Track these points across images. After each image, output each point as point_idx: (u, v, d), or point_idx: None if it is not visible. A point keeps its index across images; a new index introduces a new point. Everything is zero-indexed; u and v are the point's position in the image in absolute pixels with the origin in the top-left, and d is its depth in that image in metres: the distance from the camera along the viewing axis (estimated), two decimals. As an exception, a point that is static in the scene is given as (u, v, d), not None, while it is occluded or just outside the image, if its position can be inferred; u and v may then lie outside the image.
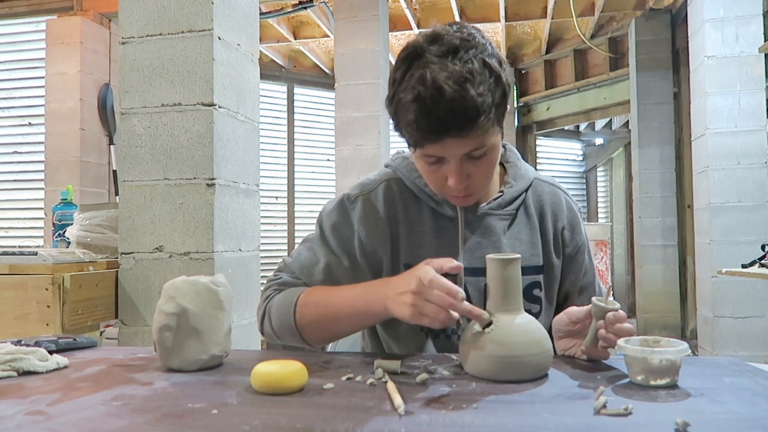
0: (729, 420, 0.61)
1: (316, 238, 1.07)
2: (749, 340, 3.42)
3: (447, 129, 0.85)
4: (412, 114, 0.85)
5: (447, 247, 1.02)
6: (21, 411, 0.65)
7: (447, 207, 1.03)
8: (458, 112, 0.83)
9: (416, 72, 0.85)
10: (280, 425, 0.60)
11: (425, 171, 0.96)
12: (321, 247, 1.06)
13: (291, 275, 1.07)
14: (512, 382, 0.76)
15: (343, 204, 1.06)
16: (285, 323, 1.00)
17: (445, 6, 5.18)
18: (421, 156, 0.93)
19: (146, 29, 1.81)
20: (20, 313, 1.63)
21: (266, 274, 5.22)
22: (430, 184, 0.99)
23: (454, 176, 0.91)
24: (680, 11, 4.78)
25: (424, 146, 0.89)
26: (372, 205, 1.04)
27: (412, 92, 0.85)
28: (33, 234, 4.50)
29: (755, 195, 3.42)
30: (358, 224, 1.03)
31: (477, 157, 0.91)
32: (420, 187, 1.04)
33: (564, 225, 1.08)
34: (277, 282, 1.06)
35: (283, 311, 1.00)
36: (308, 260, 1.06)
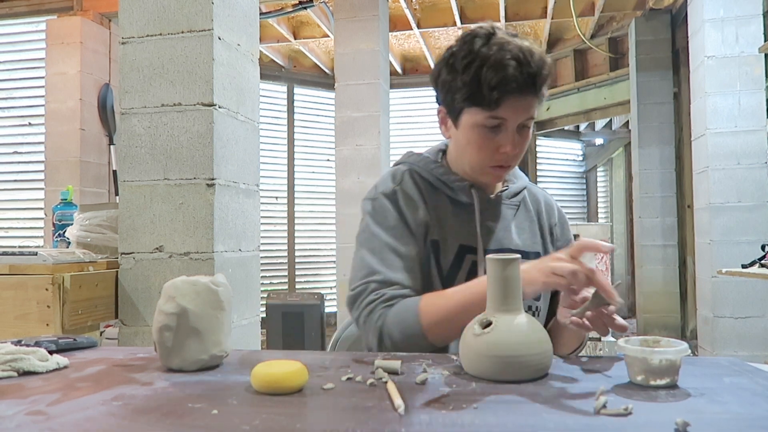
0: (729, 420, 0.61)
1: (389, 240, 1.08)
2: (749, 340, 3.42)
3: (533, 85, 0.99)
4: (508, 70, 0.97)
5: (465, 228, 1.12)
6: (21, 411, 0.65)
7: (462, 194, 1.13)
8: (542, 71, 1.00)
9: (498, 42, 0.99)
10: (280, 425, 0.60)
11: (480, 140, 1.05)
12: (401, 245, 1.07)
13: (392, 288, 1.04)
14: (512, 382, 0.76)
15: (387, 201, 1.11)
16: (410, 335, 0.98)
17: (445, 6, 5.18)
18: (483, 121, 1.02)
19: (146, 29, 1.81)
20: (20, 313, 1.63)
21: (266, 274, 5.22)
22: (477, 155, 1.06)
23: (510, 140, 1.03)
24: (680, 11, 4.78)
25: (501, 104, 0.99)
26: (408, 190, 1.13)
27: (505, 53, 0.97)
28: (33, 234, 4.50)
29: (755, 195, 3.42)
30: (407, 209, 1.10)
31: (525, 127, 1.05)
32: (437, 177, 1.14)
33: (555, 222, 1.22)
34: (383, 299, 1.03)
35: (408, 323, 0.99)
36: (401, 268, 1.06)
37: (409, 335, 0.99)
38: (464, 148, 1.08)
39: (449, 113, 1.09)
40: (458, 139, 1.10)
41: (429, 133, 6.41)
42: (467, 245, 1.11)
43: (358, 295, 1.06)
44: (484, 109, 1.01)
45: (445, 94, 1.07)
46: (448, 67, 1.04)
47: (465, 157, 1.10)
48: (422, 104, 6.52)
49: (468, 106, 1.03)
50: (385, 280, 1.04)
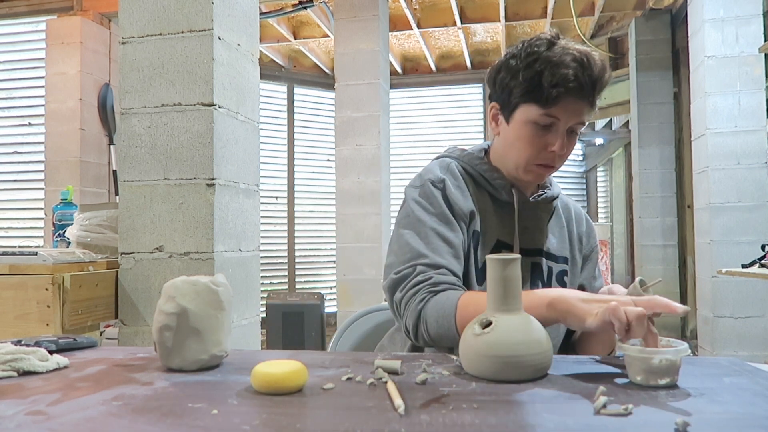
0: (729, 420, 0.61)
1: (436, 226, 1.07)
2: (749, 340, 3.42)
3: (592, 89, 1.03)
4: (570, 70, 1.00)
5: (505, 225, 1.15)
6: (21, 411, 0.65)
7: (503, 192, 1.15)
8: (600, 78, 1.04)
9: (562, 45, 1.04)
10: (280, 425, 0.60)
11: (530, 137, 1.07)
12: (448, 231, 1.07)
13: (438, 271, 1.03)
14: (512, 382, 0.76)
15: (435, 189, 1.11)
16: (444, 329, 0.97)
17: (445, 6, 5.18)
18: (537, 118, 1.05)
19: (146, 29, 1.81)
20: (20, 313, 1.63)
21: (266, 274, 5.21)
22: (525, 151, 1.09)
23: (560, 140, 1.06)
24: (680, 11, 4.78)
25: (558, 103, 1.02)
26: (455, 180, 1.14)
27: (569, 56, 1.02)
28: (33, 234, 4.50)
29: (755, 195, 3.42)
30: (455, 197, 1.11)
31: (573, 133, 1.08)
32: (480, 173, 1.16)
33: (584, 230, 1.27)
34: (430, 282, 1.02)
35: (445, 315, 0.97)
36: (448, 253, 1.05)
37: (443, 326, 0.97)
38: (513, 143, 1.11)
39: (502, 109, 1.12)
40: (508, 135, 1.12)
41: (429, 133, 6.42)
42: (504, 241, 1.14)
43: (404, 278, 1.04)
44: (540, 105, 1.04)
45: (502, 90, 1.10)
46: (508, 67, 1.08)
47: (512, 153, 1.12)
48: (422, 104, 6.52)
49: (524, 102, 1.06)
50: (433, 263, 1.03)
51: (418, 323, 1.00)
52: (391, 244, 1.11)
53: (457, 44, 6.00)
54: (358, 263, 4.42)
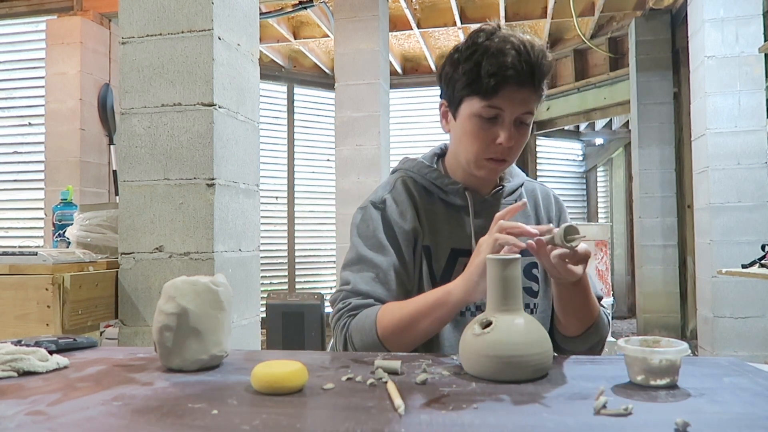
0: (729, 420, 0.61)
1: (366, 254, 1.10)
2: (749, 340, 3.42)
3: (531, 76, 1.00)
4: (506, 58, 0.98)
5: (459, 231, 1.13)
6: (21, 411, 0.65)
7: (456, 197, 1.14)
8: (541, 64, 1.01)
9: (500, 34, 1.01)
10: (280, 425, 0.60)
11: (476, 130, 1.05)
12: (376, 259, 1.09)
13: (358, 298, 1.07)
14: (512, 382, 0.76)
15: (376, 209, 1.14)
16: (369, 344, 1.01)
17: (445, 6, 5.18)
18: (480, 111, 1.03)
19: (146, 29, 1.81)
20: (20, 313, 1.63)
21: (266, 274, 5.21)
22: (473, 146, 1.06)
23: (506, 132, 1.03)
24: (680, 11, 4.78)
25: (498, 93, 1.00)
26: (398, 198, 1.14)
27: (506, 43, 0.99)
28: (33, 234, 4.50)
29: (755, 195, 3.42)
30: (394, 218, 1.12)
31: (524, 124, 1.05)
32: (431, 181, 1.15)
33: (553, 213, 1.23)
34: (348, 308, 1.06)
35: (365, 331, 1.01)
36: (371, 279, 1.08)
37: (368, 343, 1.01)
38: (461, 139, 1.09)
39: (450, 106, 1.11)
40: (456, 131, 1.10)
41: (429, 133, 6.42)
42: (460, 249, 1.12)
43: (332, 303, 1.11)
44: (482, 98, 1.02)
45: (447, 86, 1.09)
46: (451, 61, 1.07)
47: (461, 149, 1.10)
48: (422, 104, 6.52)
49: (467, 95, 1.04)
50: (354, 290, 1.08)
51: (346, 345, 1.05)
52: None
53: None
54: (358, 263, 4.41)
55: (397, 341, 1.00)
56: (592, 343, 1.09)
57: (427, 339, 1.02)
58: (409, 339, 1.00)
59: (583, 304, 1.04)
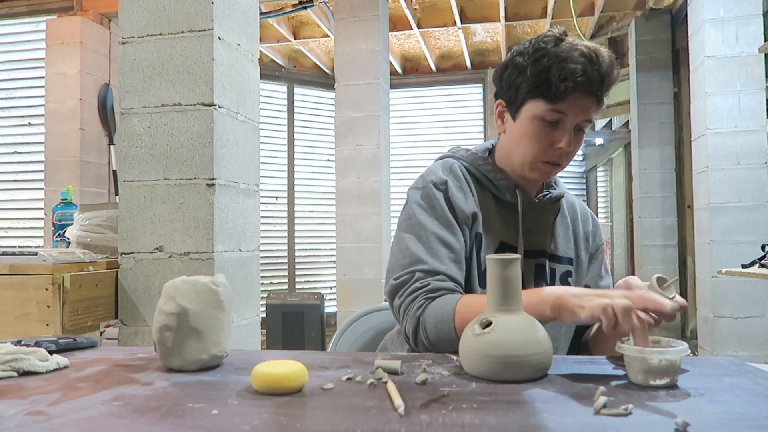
0: (729, 420, 0.61)
1: (437, 229, 1.07)
2: (749, 340, 3.42)
3: (600, 85, 1.02)
4: (578, 65, 1.00)
5: (507, 226, 1.14)
6: (21, 411, 0.65)
7: (507, 193, 1.14)
8: (608, 75, 1.03)
9: (570, 42, 1.03)
10: (280, 425, 0.60)
11: (537, 133, 1.06)
12: (450, 235, 1.07)
13: (437, 278, 1.04)
14: (512, 382, 0.76)
15: (438, 191, 1.11)
16: (443, 334, 0.97)
17: (445, 6, 5.18)
18: (544, 114, 1.04)
19: (146, 29, 1.81)
20: (20, 313, 1.63)
21: (266, 274, 5.20)
22: (532, 148, 1.07)
23: (567, 137, 1.04)
24: (680, 11, 4.78)
25: (566, 98, 1.02)
26: (458, 181, 1.13)
27: (576, 51, 1.01)
28: (33, 234, 4.50)
29: (755, 195, 3.42)
30: (457, 200, 1.10)
31: (580, 131, 1.07)
32: (484, 174, 1.15)
33: (590, 230, 1.27)
34: (427, 288, 1.02)
35: (444, 319, 0.97)
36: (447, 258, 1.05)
37: (443, 330, 0.97)
38: (519, 140, 1.09)
39: (509, 106, 1.11)
40: (514, 132, 1.10)
41: (429, 133, 6.42)
42: (507, 243, 1.13)
43: (403, 284, 1.04)
44: (548, 101, 1.03)
45: (509, 87, 1.09)
46: (515, 64, 1.07)
47: (519, 150, 1.10)
48: (422, 104, 6.52)
49: (531, 98, 1.05)
50: (431, 269, 1.03)
51: (417, 329, 1.00)
52: (393, 247, 1.11)
53: (457, 44, 6.00)
54: (358, 263, 4.42)
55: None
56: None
57: None
58: None
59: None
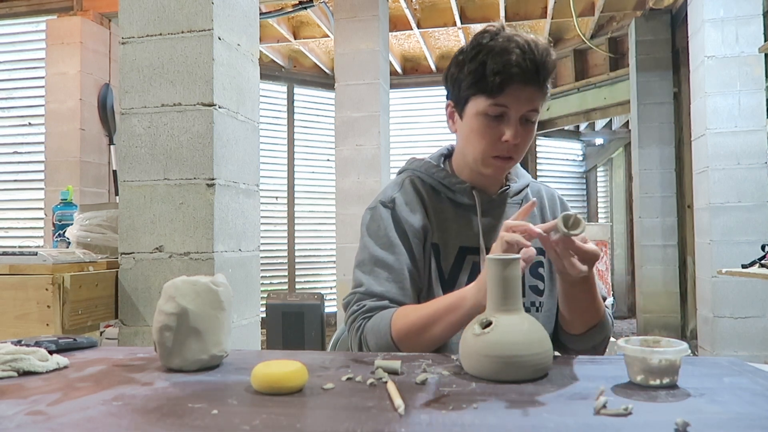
0: (729, 420, 0.61)
1: (378, 254, 1.10)
2: (749, 340, 3.42)
3: (536, 74, 1.01)
4: (511, 56, 1.00)
5: (466, 229, 1.14)
6: (21, 411, 0.65)
7: (463, 196, 1.15)
8: (545, 63, 1.02)
9: (505, 35, 1.03)
10: (280, 425, 0.60)
11: (482, 128, 1.06)
12: (388, 259, 1.10)
13: (373, 299, 1.08)
14: (512, 382, 0.76)
15: (385, 210, 1.14)
16: (384, 346, 1.02)
17: (445, 6, 5.18)
18: (486, 109, 1.04)
19: (146, 29, 1.81)
20: (20, 313, 1.63)
21: (266, 274, 5.20)
22: (480, 144, 1.08)
23: (512, 129, 1.04)
24: (680, 11, 4.78)
25: (504, 91, 1.01)
26: (407, 196, 1.16)
27: (510, 43, 1.01)
28: (33, 234, 4.50)
29: (755, 195, 3.42)
30: (405, 216, 1.13)
31: (529, 121, 1.06)
32: (438, 180, 1.16)
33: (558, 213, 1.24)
34: (363, 310, 1.07)
35: (380, 334, 1.02)
36: (385, 280, 1.09)
37: (382, 345, 1.02)
38: (468, 138, 1.10)
39: (456, 106, 1.12)
40: (463, 130, 1.11)
41: (429, 133, 6.42)
42: (468, 246, 1.13)
43: (346, 306, 1.11)
44: (488, 96, 1.03)
45: (453, 87, 1.10)
46: (456, 62, 1.09)
47: (469, 148, 1.11)
48: (422, 104, 6.52)
49: (473, 94, 1.06)
50: (368, 291, 1.08)
51: (361, 347, 1.06)
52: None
53: (457, 44, 6.00)
54: (358, 263, 4.41)
55: (411, 345, 1.01)
56: (595, 342, 1.09)
57: (441, 343, 1.02)
58: (423, 343, 1.01)
59: (589, 302, 1.04)
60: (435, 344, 1.02)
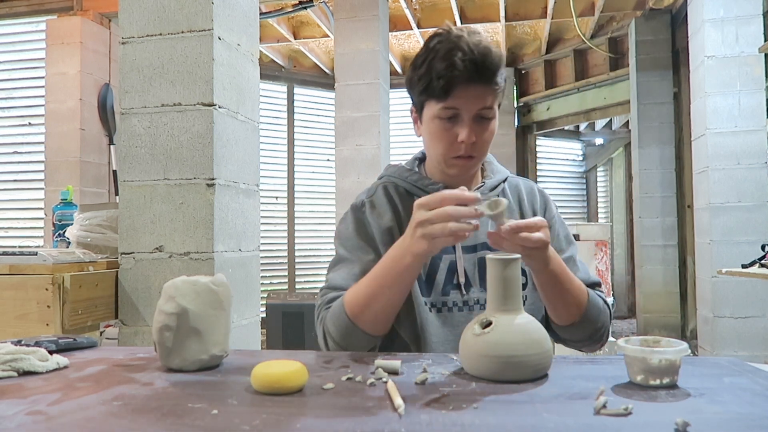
0: (729, 420, 0.61)
1: (344, 254, 1.13)
2: (749, 340, 3.42)
3: (479, 73, 1.01)
4: (450, 59, 1.00)
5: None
6: (21, 411, 0.65)
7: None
8: (489, 59, 1.02)
9: (449, 37, 1.03)
10: (280, 425, 0.60)
11: (438, 131, 1.07)
12: (350, 257, 1.12)
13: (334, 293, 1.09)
14: (512, 382, 0.76)
15: (354, 212, 1.18)
16: (343, 327, 1.02)
17: (445, 6, 5.18)
18: (438, 113, 1.05)
19: (146, 29, 1.81)
20: (20, 313, 1.63)
21: (266, 274, 5.21)
22: (438, 147, 1.09)
23: (465, 129, 1.04)
24: (680, 11, 4.78)
25: (450, 94, 1.02)
26: (377, 200, 1.17)
27: (450, 44, 1.01)
28: (33, 234, 4.50)
29: (755, 195, 3.42)
30: (372, 220, 1.14)
31: (484, 119, 1.06)
32: (411, 183, 1.17)
33: (537, 207, 1.22)
34: (324, 301, 1.09)
35: (336, 315, 1.03)
36: (345, 274, 1.10)
37: (342, 327, 1.02)
38: (429, 142, 1.12)
39: (417, 111, 1.14)
40: (424, 134, 1.13)
41: (429, 133, 6.40)
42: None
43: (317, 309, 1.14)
44: (437, 100, 1.04)
45: (411, 92, 1.12)
46: (412, 67, 1.10)
47: (431, 151, 1.13)
48: (422, 104, 6.51)
49: (426, 99, 1.07)
50: (330, 285, 1.11)
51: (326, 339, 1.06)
52: None
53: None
54: (358, 263, 4.41)
55: (367, 318, 1.00)
56: (589, 331, 1.08)
57: (396, 309, 1.02)
58: (376, 311, 1.00)
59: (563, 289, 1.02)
60: (391, 310, 1.01)
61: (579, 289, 1.05)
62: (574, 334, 1.08)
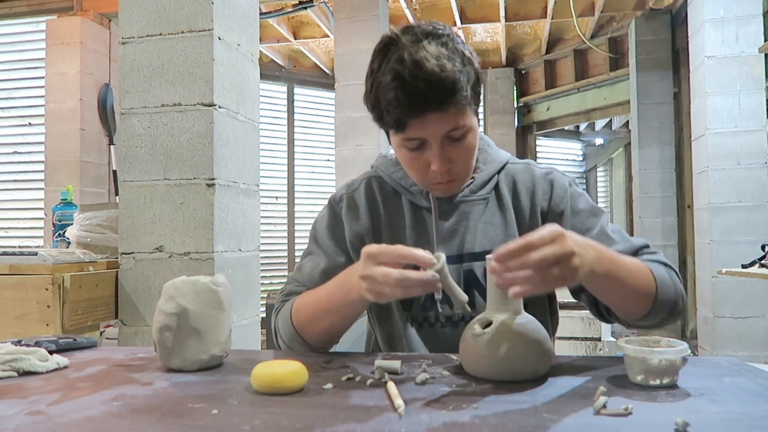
0: (729, 420, 0.61)
1: (313, 245, 1.11)
2: (749, 340, 3.42)
3: (428, 103, 0.87)
4: (393, 92, 0.88)
5: (424, 237, 1.05)
6: (21, 411, 0.65)
7: (422, 198, 1.06)
8: (437, 85, 0.86)
9: (393, 56, 0.89)
10: (280, 425, 0.60)
11: (408, 161, 0.98)
12: (319, 251, 1.09)
13: (296, 285, 1.08)
14: (512, 382, 0.76)
15: (332, 206, 1.12)
16: (289, 333, 1.01)
17: (445, 6, 5.18)
18: (402, 143, 0.95)
19: (146, 29, 1.81)
20: (20, 313, 1.63)
21: (266, 274, 5.22)
22: (413, 175, 1.01)
23: (436, 158, 0.93)
24: (680, 11, 4.78)
25: (406, 126, 0.91)
26: (355, 201, 1.09)
27: (391, 73, 0.88)
28: (33, 234, 4.50)
29: (755, 195, 3.42)
30: (346, 222, 1.08)
31: (457, 139, 0.94)
32: (396, 180, 1.08)
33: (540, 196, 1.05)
34: (283, 294, 1.08)
35: (285, 323, 1.02)
36: (310, 268, 1.08)
37: (288, 333, 1.01)
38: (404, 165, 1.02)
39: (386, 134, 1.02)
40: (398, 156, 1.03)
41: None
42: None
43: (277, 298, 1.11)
44: (395, 131, 0.94)
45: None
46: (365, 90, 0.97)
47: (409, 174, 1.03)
48: (422, 104, 6.51)
49: (385, 129, 0.96)
50: (294, 276, 1.09)
51: (276, 333, 1.05)
52: None
53: (457, 44, 5.99)
54: (358, 263, 4.42)
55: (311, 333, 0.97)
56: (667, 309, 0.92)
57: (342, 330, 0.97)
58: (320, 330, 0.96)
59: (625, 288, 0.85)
60: (335, 331, 0.97)
61: (640, 275, 0.87)
62: (649, 320, 0.93)
